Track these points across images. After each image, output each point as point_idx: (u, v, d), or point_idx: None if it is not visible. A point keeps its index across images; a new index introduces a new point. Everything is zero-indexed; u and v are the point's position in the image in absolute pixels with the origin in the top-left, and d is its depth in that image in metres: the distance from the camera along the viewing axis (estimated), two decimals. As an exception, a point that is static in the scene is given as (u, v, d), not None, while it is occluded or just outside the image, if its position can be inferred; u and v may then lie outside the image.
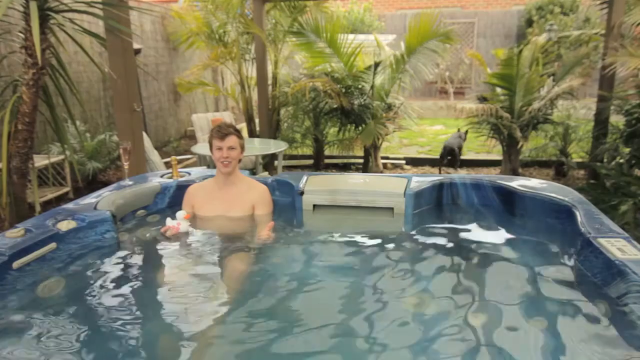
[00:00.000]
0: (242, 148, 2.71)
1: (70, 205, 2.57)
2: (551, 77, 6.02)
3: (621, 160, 4.66)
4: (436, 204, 2.95)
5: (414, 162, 7.16)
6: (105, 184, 4.82)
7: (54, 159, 4.85)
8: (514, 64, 5.46)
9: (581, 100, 7.07)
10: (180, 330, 1.77)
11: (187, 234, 2.52)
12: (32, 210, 4.04)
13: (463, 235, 2.60)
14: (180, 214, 2.54)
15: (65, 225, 2.28)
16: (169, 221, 2.52)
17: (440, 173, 6.53)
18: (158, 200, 2.93)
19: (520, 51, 5.43)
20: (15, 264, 1.96)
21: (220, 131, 2.62)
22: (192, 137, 8.28)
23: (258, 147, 5.59)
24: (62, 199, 5.03)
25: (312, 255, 2.47)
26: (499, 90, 6.02)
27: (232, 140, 2.62)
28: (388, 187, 2.87)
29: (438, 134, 9.25)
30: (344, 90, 6.06)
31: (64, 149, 4.34)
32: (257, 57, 6.54)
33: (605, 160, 5.10)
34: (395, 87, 6.42)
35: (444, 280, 2.11)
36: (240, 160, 2.74)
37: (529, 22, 11.92)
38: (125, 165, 2.92)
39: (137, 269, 2.26)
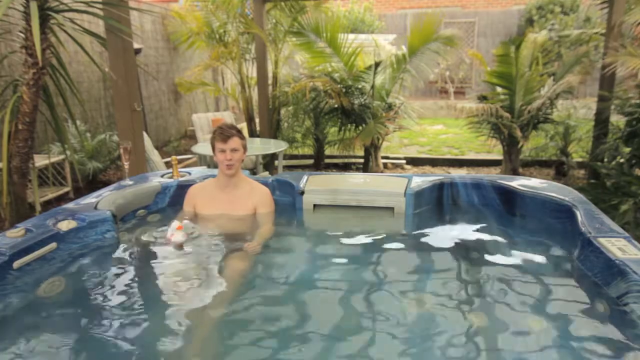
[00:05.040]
0: (245, 148, 2.70)
1: (70, 205, 2.57)
2: (552, 77, 6.02)
3: (621, 160, 4.66)
4: (437, 204, 2.95)
5: (414, 161, 7.16)
6: (106, 183, 4.82)
7: (54, 159, 4.86)
8: (511, 61, 5.46)
9: (581, 99, 7.06)
10: (181, 329, 1.77)
11: (188, 234, 2.51)
12: (33, 210, 4.04)
13: (463, 235, 2.60)
14: (173, 225, 2.44)
15: (65, 225, 2.28)
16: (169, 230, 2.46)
17: None
18: (158, 200, 2.93)
19: (518, 47, 5.43)
20: (16, 264, 1.96)
21: (223, 133, 2.59)
22: (192, 137, 8.29)
23: (258, 146, 5.59)
24: (62, 199, 5.03)
25: (312, 254, 2.47)
26: (499, 89, 6.02)
27: (234, 142, 2.59)
28: (388, 187, 2.87)
29: (438, 134, 9.25)
30: (344, 90, 6.06)
31: (65, 148, 4.34)
32: (258, 57, 6.53)
33: (605, 159, 5.09)
34: (395, 87, 6.42)
35: (444, 280, 2.11)
36: (242, 161, 2.73)
37: (530, 22, 11.92)
38: (126, 165, 2.92)
39: (138, 269, 2.26)
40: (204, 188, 2.83)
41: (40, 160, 4.64)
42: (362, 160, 6.71)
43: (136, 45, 5.37)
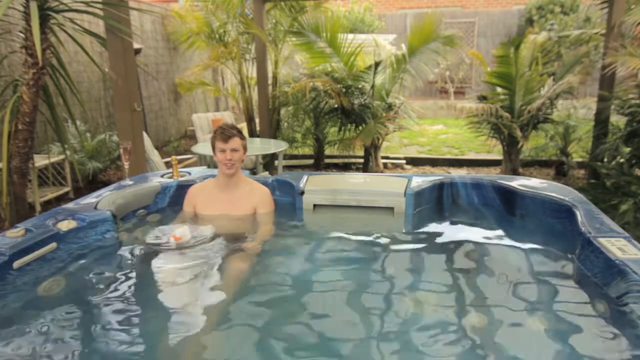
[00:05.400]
0: (245, 149, 2.70)
1: (70, 205, 2.57)
2: (551, 77, 6.02)
3: (621, 160, 4.66)
4: (437, 204, 2.94)
5: (414, 161, 7.16)
6: (106, 183, 4.82)
7: (54, 159, 4.86)
8: (511, 62, 5.46)
9: (581, 99, 7.06)
10: (181, 329, 1.77)
11: (188, 233, 2.49)
12: (33, 210, 4.05)
13: (463, 234, 2.60)
14: (175, 233, 2.38)
15: (65, 225, 2.28)
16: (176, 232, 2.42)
17: None
18: (158, 200, 2.93)
19: (517, 47, 5.43)
20: (16, 264, 1.96)
21: (224, 133, 2.60)
22: (192, 137, 8.29)
23: (258, 146, 5.59)
24: (62, 199, 5.03)
25: (312, 254, 2.47)
26: (499, 89, 6.02)
27: (235, 142, 2.60)
28: (388, 187, 2.87)
29: (438, 134, 9.25)
30: (344, 90, 6.06)
31: (64, 148, 4.35)
32: (258, 57, 6.54)
33: (605, 159, 5.10)
34: (395, 87, 6.43)
35: (444, 280, 2.11)
36: (242, 161, 2.73)
37: (530, 22, 11.93)
38: (126, 165, 2.92)
39: (138, 269, 2.25)
40: (204, 188, 2.83)
41: (40, 160, 4.64)
42: (362, 160, 6.71)
43: (136, 45, 5.37)
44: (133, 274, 2.20)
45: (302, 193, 2.88)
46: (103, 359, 1.59)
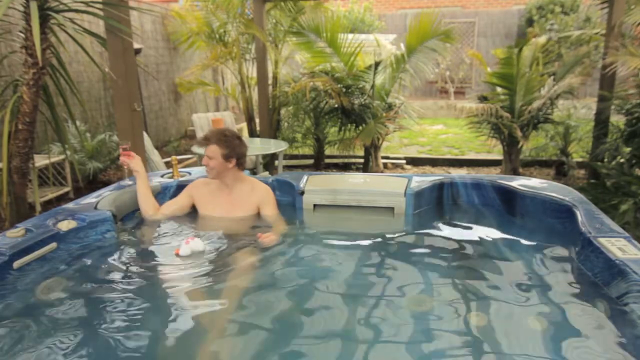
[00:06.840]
0: (225, 158, 2.63)
1: (70, 205, 2.57)
2: (552, 77, 6.02)
3: (622, 160, 4.66)
4: (437, 204, 2.95)
5: (414, 161, 7.16)
6: (106, 183, 4.82)
7: (54, 159, 4.85)
8: (513, 63, 5.46)
9: (581, 99, 7.07)
10: (181, 330, 1.77)
11: (188, 250, 2.45)
12: (33, 210, 4.04)
13: (463, 235, 2.60)
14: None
15: (65, 225, 2.28)
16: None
17: None
18: (158, 200, 2.93)
19: (520, 50, 5.43)
20: (16, 264, 1.96)
21: (203, 138, 2.68)
22: (192, 137, 8.28)
23: (258, 146, 5.59)
24: (62, 199, 5.03)
25: (312, 255, 2.47)
26: (499, 89, 6.02)
27: (209, 149, 2.63)
28: (388, 187, 2.87)
29: (438, 134, 9.25)
30: (344, 89, 6.06)
31: (65, 148, 4.34)
32: (258, 57, 6.54)
33: (605, 159, 5.09)
34: (395, 87, 6.42)
35: (444, 280, 2.11)
36: (219, 170, 2.66)
37: (530, 22, 11.93)
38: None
39: (138, 269, 2.25)
40: (207, 185, 2.83)
41: (40, 160, 4.64)
42: (362, 160, 6.71)
43: (136, 45, 5.37)
44: (133, 274, 2.20)
45: (302, 193, 2.88)
46: (103, 359, 1.59)
